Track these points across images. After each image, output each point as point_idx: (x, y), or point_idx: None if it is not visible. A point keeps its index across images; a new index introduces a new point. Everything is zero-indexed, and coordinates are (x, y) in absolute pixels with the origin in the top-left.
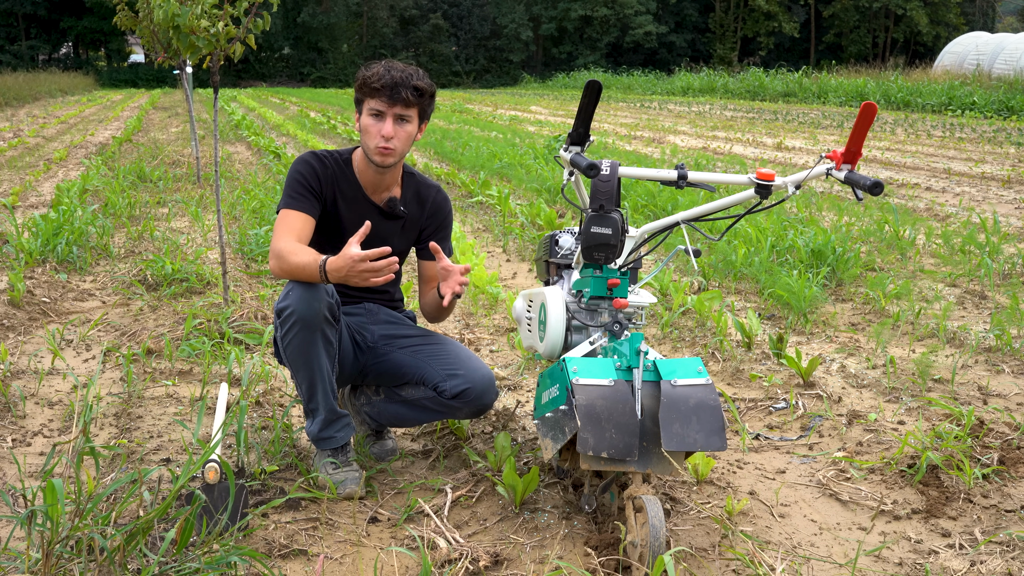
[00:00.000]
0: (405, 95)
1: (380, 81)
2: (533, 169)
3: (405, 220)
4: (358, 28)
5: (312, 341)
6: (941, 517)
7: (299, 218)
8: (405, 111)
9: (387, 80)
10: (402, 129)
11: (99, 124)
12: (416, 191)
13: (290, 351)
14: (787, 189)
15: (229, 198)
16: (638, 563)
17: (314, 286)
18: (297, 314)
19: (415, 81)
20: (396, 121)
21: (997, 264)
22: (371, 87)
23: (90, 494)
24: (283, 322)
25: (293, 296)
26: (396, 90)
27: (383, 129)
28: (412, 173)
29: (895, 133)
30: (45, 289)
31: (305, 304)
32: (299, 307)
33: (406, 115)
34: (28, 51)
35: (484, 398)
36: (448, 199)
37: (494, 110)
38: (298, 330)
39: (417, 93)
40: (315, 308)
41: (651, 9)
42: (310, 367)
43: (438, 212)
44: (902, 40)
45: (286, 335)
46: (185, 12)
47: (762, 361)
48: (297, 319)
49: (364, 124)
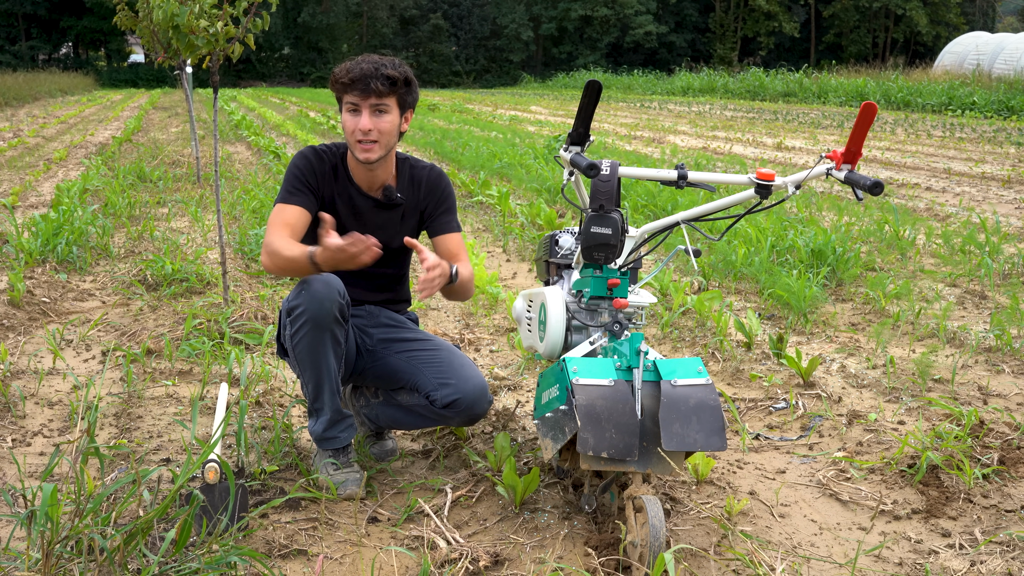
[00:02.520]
0: (375, 86)
1: (349, 75)
2: (533, 169)
3: (404, 208)
4: (358, 28)
5: (321, 341)
6: (941, 517)
7: (294, 212)
8: (380, 101)
9: (356, 73)
10: (381, 120)
11: (99, 124)
12: (410, 176)
13: (299, 350)
14: (787, 189)
15: (229, 198)
16: (638, 563)
17: (327, 286)
18: (308, 313)
19: (386, 70)
20: (373, 113)
21: (997, 264)
22: (341, 82)
23: (90, 494)
24: (293, 320)
25: (305, 296)
26: (366, 81)
27: (360, 123)
28: (406, 159)
29: (895, 133)
30: (45, 289)
31: (317, 304)
32: (311, 306)
33: (381, 105)
34: (28, 51)
35: (475, 408)
36: (443, 175)
37: (494, 110)
38: (308, 329)
39: (389, 82)
40: (326, 308)
41: (651, 9)
42: (318, 367)
43: (434, 189)
44: (902, 40)
45: (295, 334)
46: (184, 12)
47: (762, 361)
48: (308, 319)
49: (343, 120)
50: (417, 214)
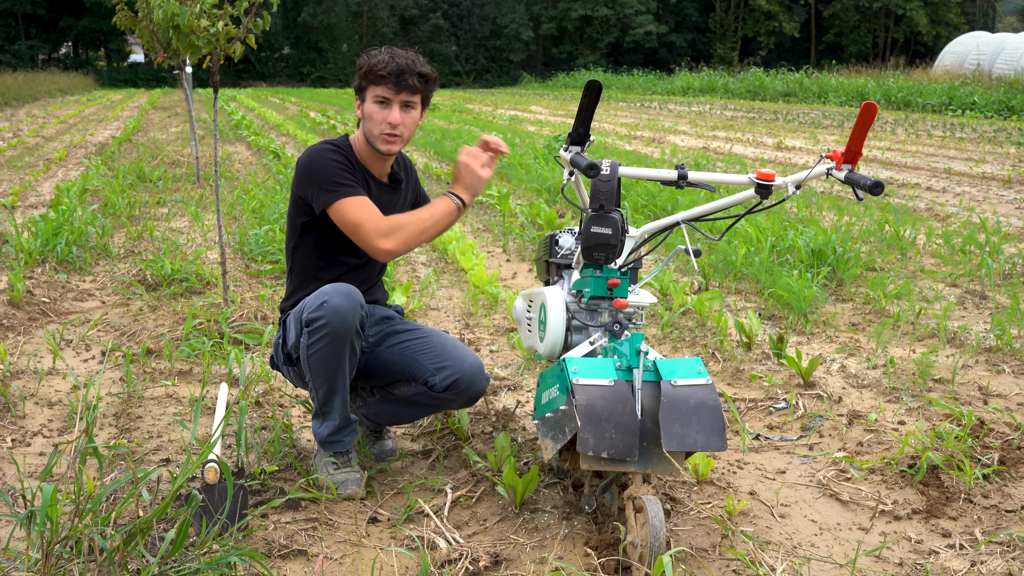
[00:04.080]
0: (411, 82)
1: (386, 68)
2: (533, 169)
3: (403, 190)
4: (358, 28)
5: (340, 352)
6: (941, 517)
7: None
8: (411, 97)
9: (393, 67)
10: (408, 116)
11: (99, 124)
12: (401, 160)
13: (314, 360)
14: (787, 189)
15: (229, 198)
16: (638, 563)
17: (349, 299)
18: (330, 327)
19: (420, 67)
20: (402, 108)
21: (997, 264)
22: (377, 74)
23: (90, 494)
24: (312, 332)
25: (328, 308)
26: (403, 77)
27: (390, 116)
28: None
29: (895, 133)
30: (45, 289)
31: (339, 319)
32: (333, 320)
33: (411, 101)
34: (28, 51)
35: (474, 386)
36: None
37: (494, 110)
38: (328, 341)
39: (423, 79)
40: (349, 322)
41: (651, 9)
42: (332, 376)
43: (413, 171)
44: (902, 40)
45: (313, 345)
46: (184, 12)
47: (762, 361)
48: (329, 331)
49: (369, 111)
50: (412, 194)
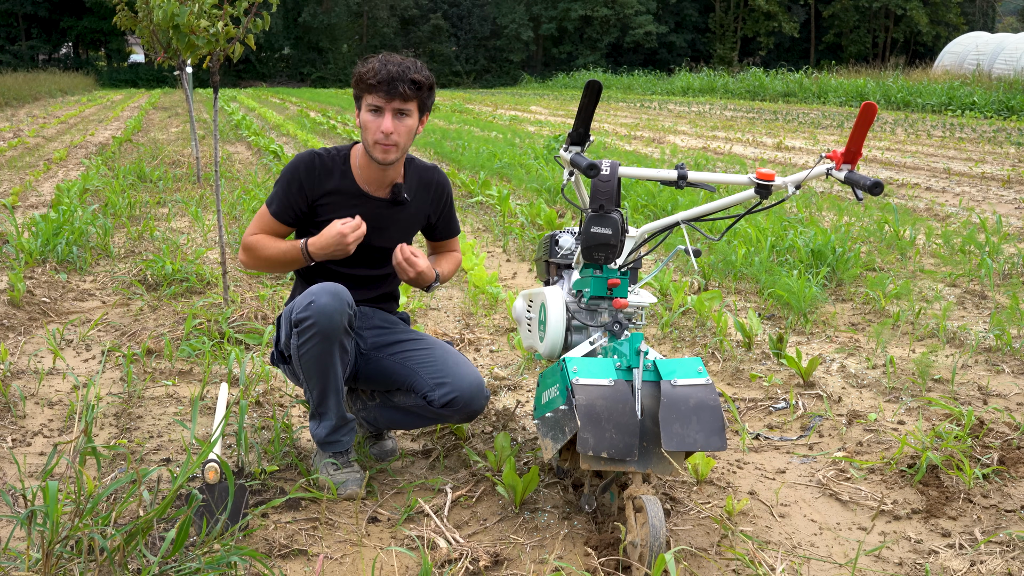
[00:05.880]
0: (403, 89)
1: (376, 76)
2: (533, 169)
3: (411, 209)
4: (358, 28)
5: (329, 352)
6: (941, 517)
7: (273, 224)
8: (404, 105)
9: (384, 75)
10: (402, 124)
11: (99, 124)
12: (418, 177)
13: (305, 360)
14: (787, 189)
15: (229, 198)
16: (638, 563)
17: (337, 298)
18: (318, 327)
19: (412, 74)
20: (395, 116)
21: (997, 264)
22: (367, 83)
23: (90, 494)
24: (301, 332)
25: (315, 309)
26: (393, 84)
27: (382, 125)
28: (412, 159)
29: (895, 133)
30: (45, 289)
31: (327, 318)
32: (320, 320)
33: (405, 109)
34: (28, 51)
35: (472, 405)
36: (446, 177)
37: (494, 110)
38: (317, 342)
39: (415, 86)
40: (336, 321)
41: (651, 9)
42: (324, 376)
43: (442, 194)
44: (902, 40)
45: (303, 345)
46: (184, 12)
47: (762, 361)
48: (317, 331)
49: (363, 120)
50: (424, 219)
